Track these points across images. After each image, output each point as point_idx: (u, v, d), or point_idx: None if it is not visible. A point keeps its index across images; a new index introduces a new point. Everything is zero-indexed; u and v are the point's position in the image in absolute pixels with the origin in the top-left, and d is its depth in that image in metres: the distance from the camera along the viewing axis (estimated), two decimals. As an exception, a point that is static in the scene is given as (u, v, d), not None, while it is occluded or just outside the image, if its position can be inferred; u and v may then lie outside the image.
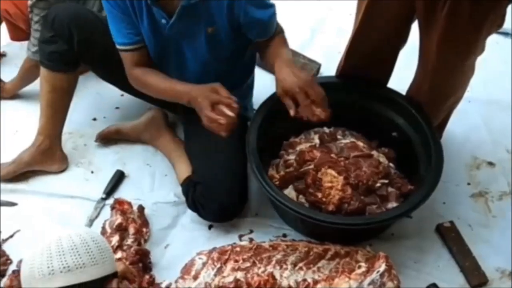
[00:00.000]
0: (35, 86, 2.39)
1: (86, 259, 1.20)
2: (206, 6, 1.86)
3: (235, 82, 2.12)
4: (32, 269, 1.22)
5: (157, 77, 2.02)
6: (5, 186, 2.22)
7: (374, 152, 2.13)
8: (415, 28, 1.99)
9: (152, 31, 1.95)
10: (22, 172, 2.23)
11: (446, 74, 1.97)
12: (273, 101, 2.14)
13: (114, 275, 1.27)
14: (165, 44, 1.99)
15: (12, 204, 2.17)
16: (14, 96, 2.49)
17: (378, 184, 2.02)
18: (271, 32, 1.98)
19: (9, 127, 2.41)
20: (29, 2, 2.20)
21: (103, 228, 2.03)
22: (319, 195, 2.00)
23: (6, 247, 2.05)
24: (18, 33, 2.38)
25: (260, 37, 1.99)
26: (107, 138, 2.37)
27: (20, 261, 1.88)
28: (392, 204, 2.01)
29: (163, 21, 1.89)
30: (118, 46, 1.99)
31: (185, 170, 2.18)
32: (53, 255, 1.20)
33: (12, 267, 1.97)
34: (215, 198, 2.04)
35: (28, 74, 2.39)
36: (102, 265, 1.23)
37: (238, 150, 2.08)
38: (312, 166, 2.06)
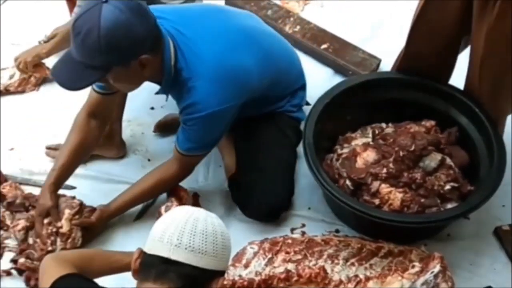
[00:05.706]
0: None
1: (209, 248, 1.29)
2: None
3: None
4: (164, 234, 1.30)
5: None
6: (65, 169, 2.27)
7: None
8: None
9: None
10: (81, 157, 2.27)
11: (493, 65, 1.94)
12: (330, 96, 2.13)
13: (222, 273, 1.35)
14: None
15: (71, 187, 2.21)
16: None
17: (448, 187, 1.97)
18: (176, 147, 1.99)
19: (69, 112, 2.45)
20: None
21: (159, 213, 2.04)
22: (376, 201, 1.98)
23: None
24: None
25: None
26: (165, 128, 2.40)
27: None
28: (451, 204, 1.97)
29: None
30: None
31: (232, 165, 2.19)
32: (185, 232, 1.29)
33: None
34: (257, 200, 2.05)
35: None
36: (219, 260, 1.32)
37: (285, 154, 2.10)
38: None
